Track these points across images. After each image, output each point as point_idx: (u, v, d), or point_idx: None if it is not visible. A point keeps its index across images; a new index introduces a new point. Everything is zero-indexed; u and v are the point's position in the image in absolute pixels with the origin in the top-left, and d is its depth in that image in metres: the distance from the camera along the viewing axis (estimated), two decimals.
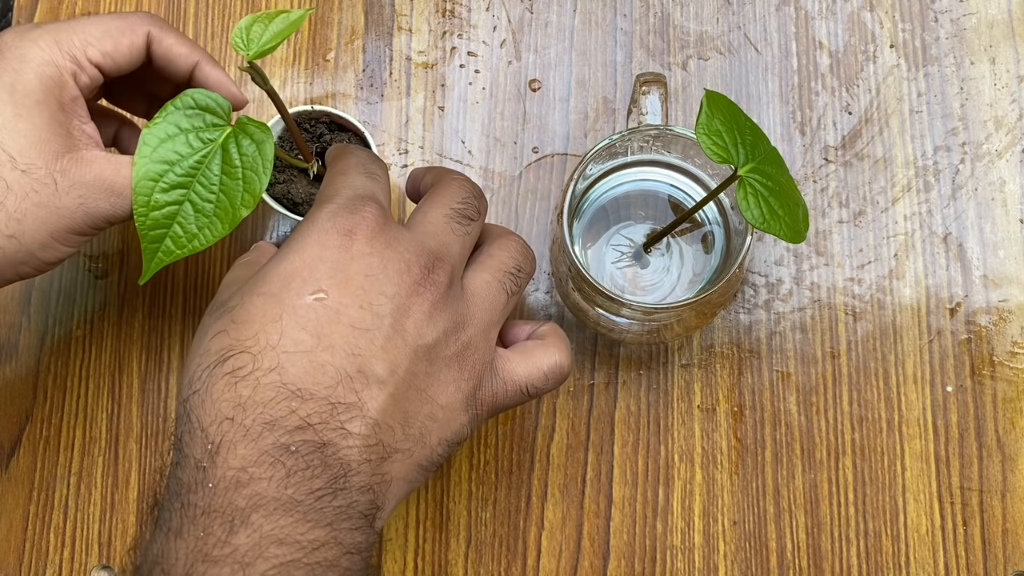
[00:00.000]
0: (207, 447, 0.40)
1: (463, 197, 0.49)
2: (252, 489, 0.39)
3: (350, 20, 0.67)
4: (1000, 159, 0.64)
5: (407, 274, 0.44)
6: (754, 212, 0.49)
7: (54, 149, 0.48)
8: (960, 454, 0.60)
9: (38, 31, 0.49)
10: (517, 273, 0.48)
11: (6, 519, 0.61)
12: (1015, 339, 0.62)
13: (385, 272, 0.44)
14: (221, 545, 0.39)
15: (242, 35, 0.49)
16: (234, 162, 0.50)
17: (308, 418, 0.41)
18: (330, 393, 0.41)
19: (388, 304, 0.43)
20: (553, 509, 0.60)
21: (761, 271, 0.63)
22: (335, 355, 0.42)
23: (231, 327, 0.43)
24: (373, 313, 0.43)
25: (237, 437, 0.40)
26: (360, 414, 0.42)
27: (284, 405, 0.41)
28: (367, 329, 0.42)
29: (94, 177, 0.49)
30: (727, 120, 0.50)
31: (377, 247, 0.44)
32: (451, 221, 0.47)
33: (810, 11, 0.67)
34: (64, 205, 0.48)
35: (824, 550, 0.60)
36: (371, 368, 0.42)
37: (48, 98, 0.48)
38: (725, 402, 0.61)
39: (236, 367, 0.41)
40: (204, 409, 0.41)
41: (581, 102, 0.66)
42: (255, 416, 0.40)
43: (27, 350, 0.63)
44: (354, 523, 0.41)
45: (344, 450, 0.41)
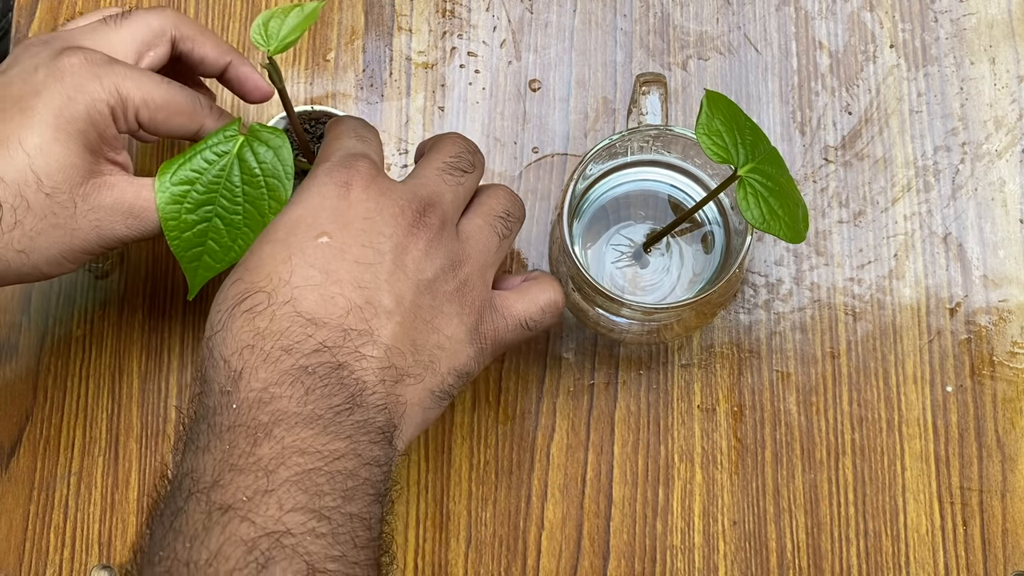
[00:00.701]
0: (230, 374, 0.43)
1: (456, 152, 0.51)
2: (274, 406, 0.42)
3: (350, 20, 0.67)
4: (1000, 159, 0.64)
5: (401, 217, 0.47)
6: (754, 212, 0.49)
7: (81, 175, 0.50)
8: (960, 454, 0.60)
9: (106, 69, 0.51)
10: (507, 217, 0.51)
11: (6, 519, 0.61)
12: (1015, 339, 0.62)
13: (381, 215, 0.47)
14: (246, 456, 0.41)
15: (261, 31, 0.50)
16: (254, 171, 0.51)
17: (324, 343, 0.44)
18: (342, 321, 0.44)
19: (387, 242, 0.46)
20: (553, 509, 0.60)
21: (761, 271, 0.63)
22: (344, 287, 0.45)
23: (245, 274, 0.46)
24: (375, 250, 0.46)
25: (258, 362, 0.43)
26: (371, 340, 0.44)
27: (300, 331, 0.44)
28: (371, 264, 0.46)
29: (113, 201, 0.51)
30: (727, 120, 0.50)
31: (372, 194, 0.47)
32: (443, 173, 0.50)
33: (810, 11, 0.67)
34: (79, 227, 0.50)
35: (824, 550, 0.60)
36: (378, 299, 0.45)
37: (90, 129, 0.50)
38: (725, 402, 0.61)
39: (253, 304, 0.44)
40: (226, 344, 0.44)
41: (581, 102, 0.66)
42: (274, 343, 0.43)
43: (27, 350, 0.63)
44: (372, 437, 0.43)
45: (359, 371, 0.44)
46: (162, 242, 0.64)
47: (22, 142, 0.49)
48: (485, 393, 0.62)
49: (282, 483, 0.41)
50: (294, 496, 0.41)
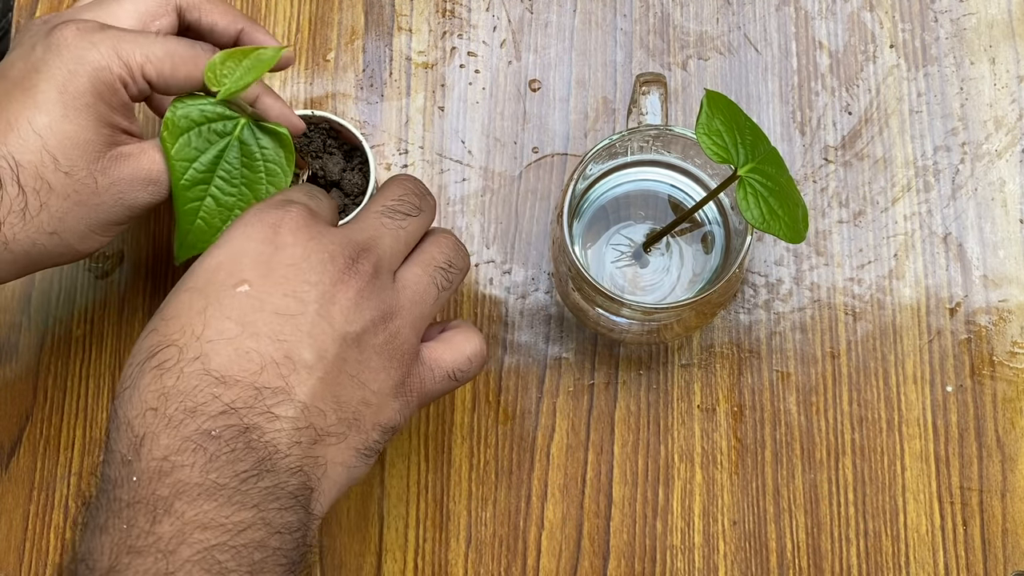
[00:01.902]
0: (132, 440, 0.41)
1: (398, 195, 0.49)
2: (175, 477, 0.40)
3: (350, 20, 0.67)
4: (1000, 159, 0.64)
5: (331, 263, 0.44)
6: (754, 212, 0.49)
7: (96, 149, 0.49)
8: (960, 454, 0.60)
9: (100, 35, 0.49)
10: (448, 268, 0.49)
11: (6, 519, 0.61)
12: (1015, 339, 0.62)
13: (308, 261, 0.44)
14: (145, 535, 0.39)
15: (215, 71, 0.49)
16: (255, 156, 0.51)
17: (232, 403, 0.41)
18: (255, 379, 0.42)
19: (312, 291, 0.43)
20: (553, 509, 0.60)
21: (761, 271, 0.63)
22: (260, 342, 0.42)
23: (160, 324, 0.43)
24: (298, 300, 0.43)
25: (160, 427, 0.40)
26: (288, 398, 0.42)
27: (207, 392, 0.41)
28: (292, 315, 0.43)
29: (132, 171, 0.50)
30: (727, 120, 0.50)
31: (301, 238, 0.45)
32: (382, 216, 0.48)
33: (810, 11, 0.67)
34: (103, 201, 0.49)
35: (824, 550, 0.60)
36: (298, 353, 0.43)
37: (98, 102, 0.49)
38: (725, 402, 0.61)
39: (162, 360, 0.42)
40: (131, 403, 0.41)
41: (581, 102, 0.66)
42: (178, 404, 0.41)
43: (27, 350, 0.63)
44: (283, 503, 0.41)
45: (271, 433, 0.41)
46: (162, 241, 0.64)
47: (31, 123, 0.47)
48: (485, 393, 0.62)
49: (183, 563, 0.39)
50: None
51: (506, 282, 0.63)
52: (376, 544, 0.60)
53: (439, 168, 0.65)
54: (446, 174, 0.65)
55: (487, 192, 0.65)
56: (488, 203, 0.64)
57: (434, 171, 0.65)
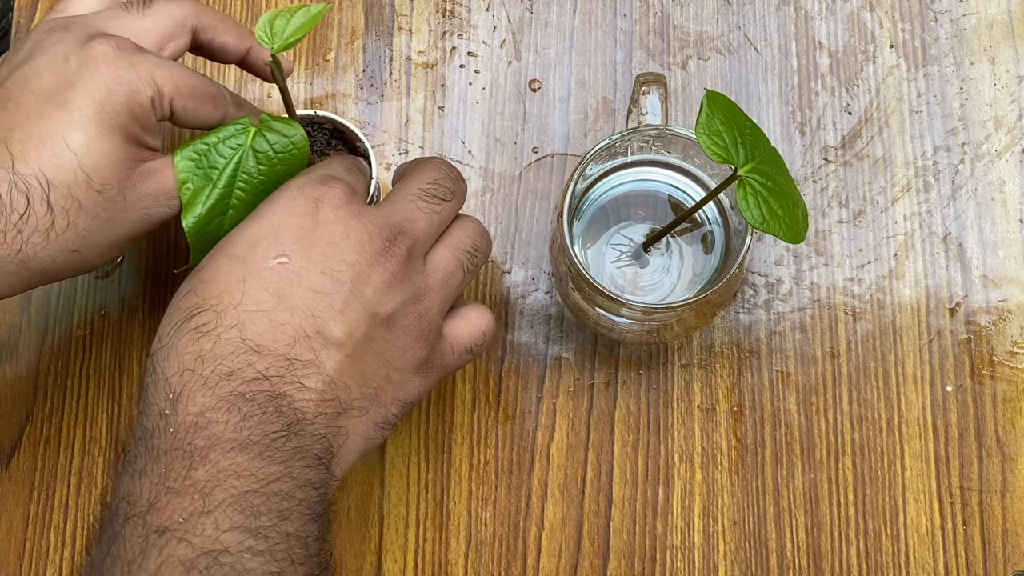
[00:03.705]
0: (169, 395, 0.43)
1: (434, 178, 0.50)
2: (210, 431, 0.42)
3: (350, 20, 0.67)
4: (1000, 159, 0.64)
5: (368, 244, 0.46)
6: (754, 212, 0.49)
7: (127, 167, 0.49)
8: (960, 454, 0.61)
9: (139, 58, 0.49)
10: (474, 252, 0.51)
11: (6, 519, 0.61)
12: (1015, 339, 0.62)
13: (347, 240, 0.46)
14: (182, 479, 0.42)
15: (266, 29, 0.50)
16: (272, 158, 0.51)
17: (265, 371, 0.43)
18: (288, 351, 0.44)
19: (348, 271, 0.45)
20: (553, 509, 0.60)
21: (761, 271, 0.63)
22: (294, 315, 0.44)
23: (199, 286, 0.45)
24: (333, 279, 0.45)
25: (196, 386, 0.43)
26: (317, 371, 0.44)
27: (242, 358, 0.43)
28: (327, 293, 0.45)
29: (158, 187, 0.50)
30: (727, 120, 0.50)
31: (341, 216, 0.46)
32: (417, 199, 0.49)
33: (810, 11, 0.67)
34: (129, 217, 0.50)
35: (824, 550, 0.60)
36: (329, 330, 0.45)
37: (132, 122, 0.49)
38: (725, 402, 0.61)
39: (200, 324, 0.44)
40: (168, 361, 0.44)
41: (581, 102, 0.66)
42: (214, 367, 0.43)
43: (27, 350, 0.63)
44: (308, 462, 0.44)
45: (299, 402, 0.44)
46: (162, 242, 0.64)
47: (67, 140, 0.47)
48: (485, 393, 0.62)
49: (218, 504, 0.41)
50: (230, 516, 0.41)
51: (506, 282, 0.63)
52: (376, 544, 0.60)
53: None
54: None
55: (487, 192, 0.65)
56: (488, 203, 0.64)
57: None
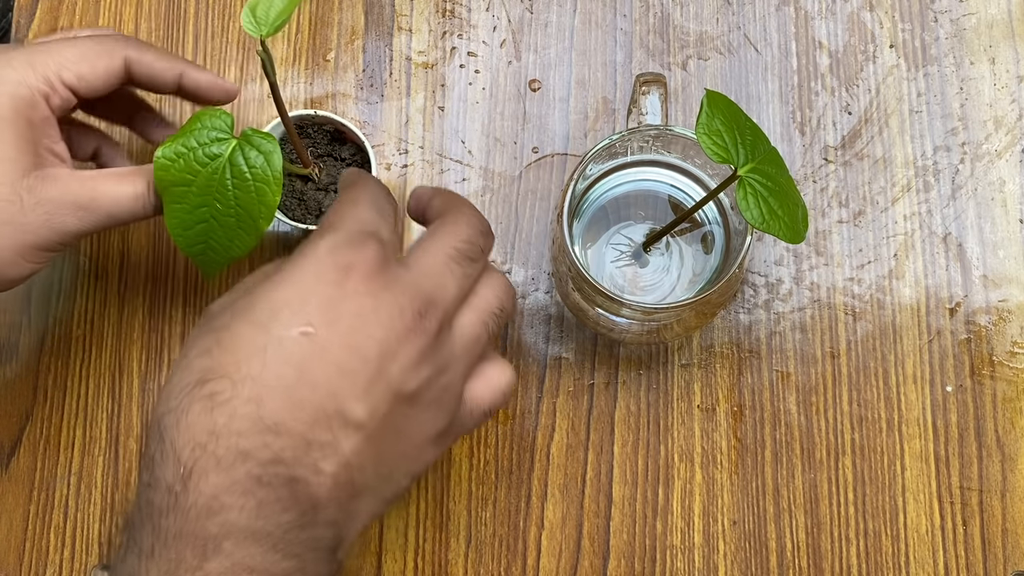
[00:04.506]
0: (179, 471, 0.40)
1: (468, 236, 0.47)
2: (224, 517, 0.40)
3: (350, 20, 0.67)
4: (1000, 159, 0.64)
5: (399, 319, 0.43)
6: (754, 212, 0.49)
7: (21, 167, 0.49)
8: (960, 454, 0.61)
9: (13, 53, 0.50)
10: (500, 314, 0.48)
11: (6, 519, 0.61)
12: (1015, 339, 0.62)
13: (376, 314, 0.43)
14: (193, 570, 0.40)
15: (250, 17, 0.49)
16: (244, 175, 0.51)
17: (281, 452, 0.41)
18: (306, 430, 0.41)
19: (375, 348, 0.42)
20: (553, 509, 0.60)
21: (761, 271, 0.63)
22: (316, 393, 0.41)
23: (216, 349, 0.42)
24: (359, 355, 0.42)
25: (210, 464, 0.40)
26: (333, 453, 0.42)
27: (259, 438, 0.41)
28: (351, 371, 0.42)
29: (60, 193, 0.50)
30: (727, 120, 0.50)
31: (373, 287, 0.43)
32: (451, 261, 0.46)
33: (810, 11, 0.67)
34: (30, 222, 0.49)
35: (824, 550, 0.60)
36: (350, 410, 0.42)
37: (18, 118, 0.49)
38: (725, 402, 0.61)
39: (214, 391, 0.41)
40: (178, 431, 0.41)
41: (581, 102, 0.66)
42: (228, 445, 0.40)
43: (27, 350, 0.63)
44: (319, 555, 0.42)
45: (314, 486, 0.41)
46: (162, 242, 0.64)
47: None
48: None
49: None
50: None
51: None
52: (376, 544, 0.60)
53: (439, 168, 0.65)
54: (446, 174, 0.65)
55: (487, 192, 0.65)
56: (488, 203, 0.64)
57: (434, 171, 0.65)
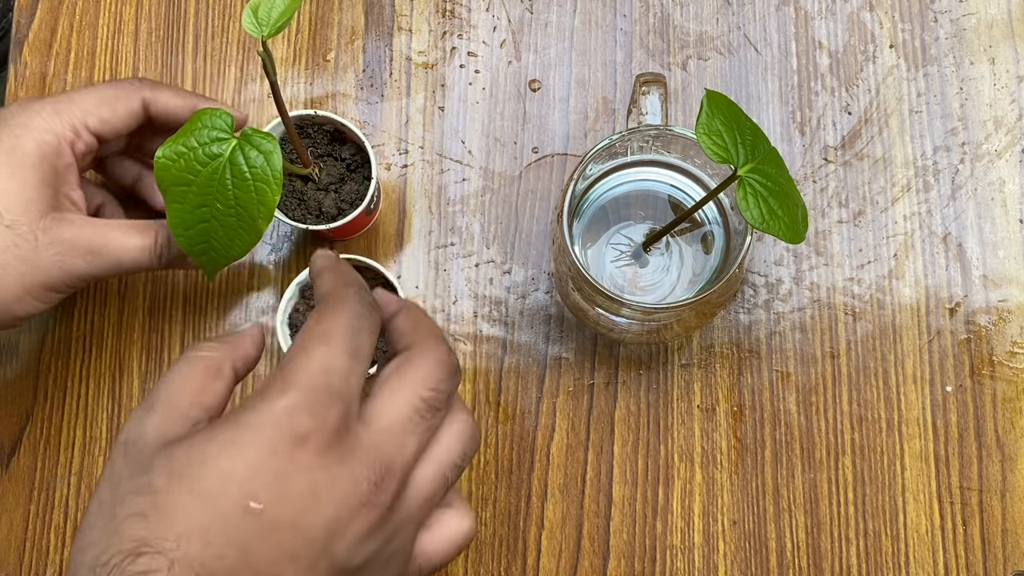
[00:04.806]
0: None
1: (435, 383, 0.44)
2: None
3: (350, 20, 0.67)
4: (1000, 159, 0.64)
5: (353, 494, 0.41)
6: (753, 212, 0.49)
7: (39, 208, 0.52)
8: (960, 454, 0.61)
9: (40, 103, 0.54)
10: (461, 463, 0.45)
11: (6, 519, 0.61)
12: (1015, 339, 0.62)
13: (330, 491, 0.41)
14: None
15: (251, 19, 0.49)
16: (244, 175, 0.51)
17: None
18: None
19: (323, 528, 0.40)
20: (553, 509, 0.60)
21: (761, 271, 0.63)
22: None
23: (152, 514, 0.40)
24: (306, 537, 0.40)
25: None
26: None
27: None
28: (296, 553, 0.40)
29: (73, 236, 0.53)
30: (727, 120, 0.50)
31: (328, 461, 0.41)
32: (415, 415, 0.43)
33: (810, 11, 0.67)
34: (42, 260, 0.52)
35: (824, 550, 0.60)
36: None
37: (42, 163, 0.53)
38: (725, 402, 0.61)
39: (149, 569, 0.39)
40: None
41: (581, 102, 0.66)
42: None
43: (27, 350, 0.63)
44: None
45: None
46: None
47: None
48: (485, 393, 0.62)
49: None
50: None
51: (506, 282, 0.63)
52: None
53: (439, 168, 0.65)
54: (446, 174, 0.65)
55: (487, 192, 0.65)
56: (488, 203, 0.64)
57: (434, 171, 0.65)
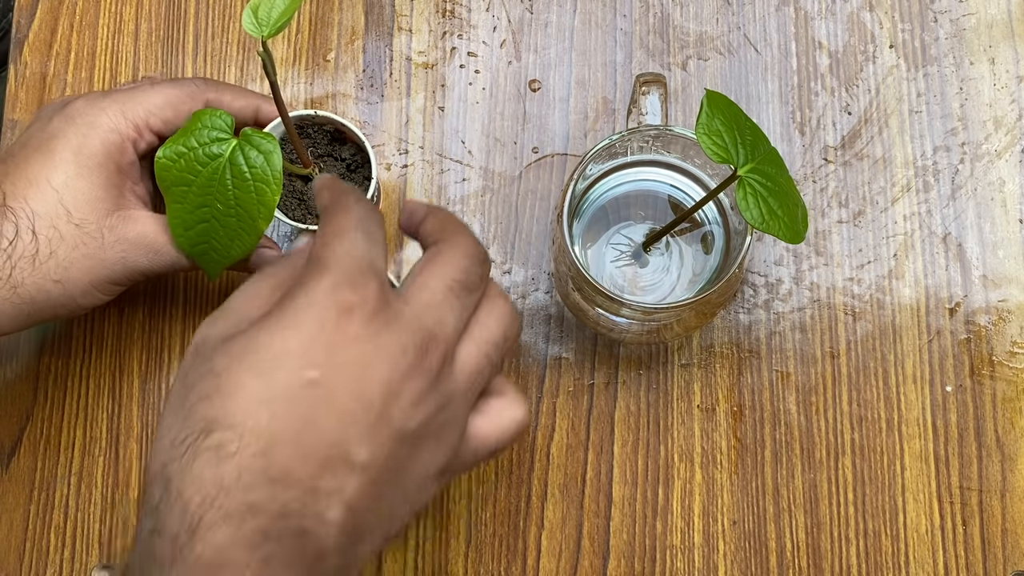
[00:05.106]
0: (185, 522, 0.40)
1: (466, 266, 0.47)
2: (230, 571, 0.40)
3: (350, 20, 0.67)
4: (999, 159, 0.64)
5: (402, 358, 0.43)
6: (753, 212, 0.49)
7: (106, 207, 0.54)
8: (960, 454, 0.61)
9: (107, 100, 0.55)
10: (503, 343, 0.47)
11: (6, 519, 0.61)
12: (1014, 339, 0.62)
13: (379, 356, 0.43)
14: None
15: (251, 19, 0.50)
16: (244, 175, 0.51)
17: (289, 503, 0.41)
18: (313, 480, 0.41)
19: (379, 391, 0.43)
20: (553, 509, 0.60)
21: (761, 271, 0.63)
22: (322, 441, 0.42)
23: (216, 396, 0.42)
24: (364, 401, 0.42)
25: (217, 517, 0.40)
26: (339, 500, 0.42)
27: (267, 490, 0.41)
28: (356, 416, 0.42)
29: (137, 235, 0.54)
30: (727, 120, 0.50)
31: (374, 328, 0.43)
32: (450, 294, 0.46)
33: (810, 11, 0.67)
34: (108, 257, 0.54)
35: (824, 550, 0.60)
36: (355, 454, 0.42)
37: (108, 161, 0.54)
38: (725, 402, 0.61)
39: (221, 443, 0.41)
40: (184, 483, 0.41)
41: (581, 102, 0.66)
42: (238, 499, 0.40)
43: (27, 350, 0.63)
44: None
45: (320, 538, 0.41)
46: None
47: (49, 180, 0.53)
48: None
49: None
50: None
51: (506, 282, 0.63)
52: None
53: (439, 168, 0.65)
54: (446, 174, 0.65)
55: (487, 192, 0.65)
56: (488, 203, 0.64)
57: (434, 171, 0.65)
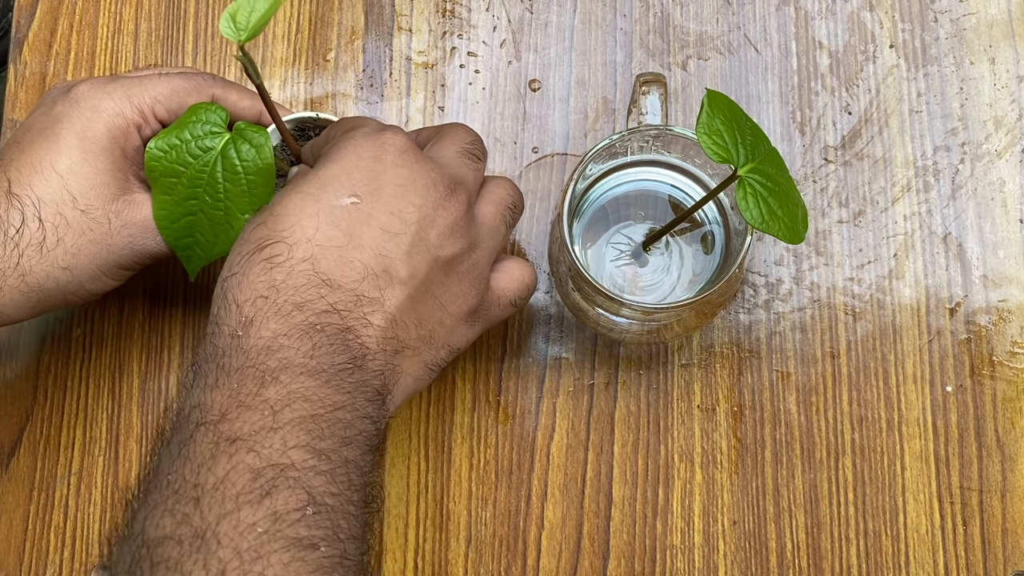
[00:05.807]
0: (241, 319, 0.45)
1: (471, 139, 0.53)
2: (281, 355, 0.44)
3: (350, 20, 0.67)
4: (1000, 159, 0.64)
5: (433, 189, 0.49)
6: (753, 212, 0.49)
7: (112, 192, 0.53)
8: (960, 454, 0.61)
9: (113, 84, 0.55)
10: (513, 208, 0.53)
11: (6, 519, 0.61)
12: (1015, 339, 0.62)
13: (414, 184, 0.48)
14: (253, 395, 0.44)
15: (229, 23, 0.49)
16: (236, 168, 0.51)
17: (335, 304, 0.46)
18: (356, 286, 0.46)
19: (415, 213, 0.48)
20: (553, 509, 0.60)
21: (761, 271, 0.63)
22: (364, 253, 0.47)
23: (270, 219, 0.47)
24: (401, 220, 0.48)
25: (270, 313, 0.45)
26: (380, 308, 0.47)
27: (314, 291, 0.46)
28: (395, 234, 0.47)
29: (144, 218, 0.54)
30: (728, 120, 0.50)
31: (407, 161, 0.49)
32: (463, 156, 0.52)
33: (810, 11, 0.67)
34: (115, 242, 0.53)
35: (824, 550, 0.60)
36: (395, 269, 0.47)
37: (113, 146, 0.54)
38: (725, 402, 0.61)
39: (272, 254, 0.46)
40: (240, 289, 0.46)
41: (581, 102, 0.66)
42: (287, 297, 0.45)
43: (27, 350, 0.63)
44: (368, 396, 0.46)
45: (364, 337, 0.46)
46: None
47: (54, 165, 0.53)
48: (485, 393, 0.62)
49: (287, 423, 0.43)
50: (297, 435, 0.43)
51: None
52: (376, 544, 0.60)
53: None
54: None
55: None
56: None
57: None
